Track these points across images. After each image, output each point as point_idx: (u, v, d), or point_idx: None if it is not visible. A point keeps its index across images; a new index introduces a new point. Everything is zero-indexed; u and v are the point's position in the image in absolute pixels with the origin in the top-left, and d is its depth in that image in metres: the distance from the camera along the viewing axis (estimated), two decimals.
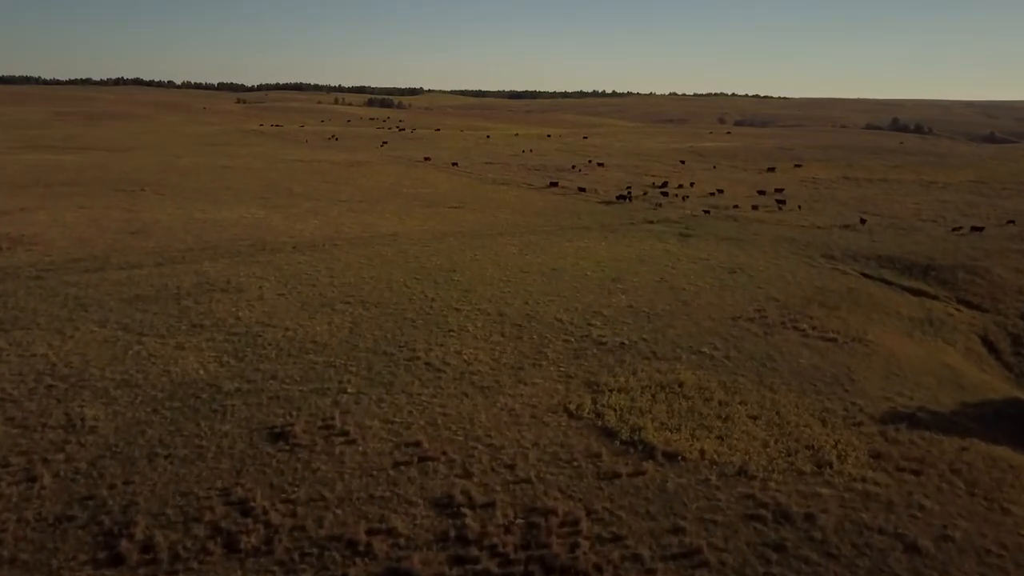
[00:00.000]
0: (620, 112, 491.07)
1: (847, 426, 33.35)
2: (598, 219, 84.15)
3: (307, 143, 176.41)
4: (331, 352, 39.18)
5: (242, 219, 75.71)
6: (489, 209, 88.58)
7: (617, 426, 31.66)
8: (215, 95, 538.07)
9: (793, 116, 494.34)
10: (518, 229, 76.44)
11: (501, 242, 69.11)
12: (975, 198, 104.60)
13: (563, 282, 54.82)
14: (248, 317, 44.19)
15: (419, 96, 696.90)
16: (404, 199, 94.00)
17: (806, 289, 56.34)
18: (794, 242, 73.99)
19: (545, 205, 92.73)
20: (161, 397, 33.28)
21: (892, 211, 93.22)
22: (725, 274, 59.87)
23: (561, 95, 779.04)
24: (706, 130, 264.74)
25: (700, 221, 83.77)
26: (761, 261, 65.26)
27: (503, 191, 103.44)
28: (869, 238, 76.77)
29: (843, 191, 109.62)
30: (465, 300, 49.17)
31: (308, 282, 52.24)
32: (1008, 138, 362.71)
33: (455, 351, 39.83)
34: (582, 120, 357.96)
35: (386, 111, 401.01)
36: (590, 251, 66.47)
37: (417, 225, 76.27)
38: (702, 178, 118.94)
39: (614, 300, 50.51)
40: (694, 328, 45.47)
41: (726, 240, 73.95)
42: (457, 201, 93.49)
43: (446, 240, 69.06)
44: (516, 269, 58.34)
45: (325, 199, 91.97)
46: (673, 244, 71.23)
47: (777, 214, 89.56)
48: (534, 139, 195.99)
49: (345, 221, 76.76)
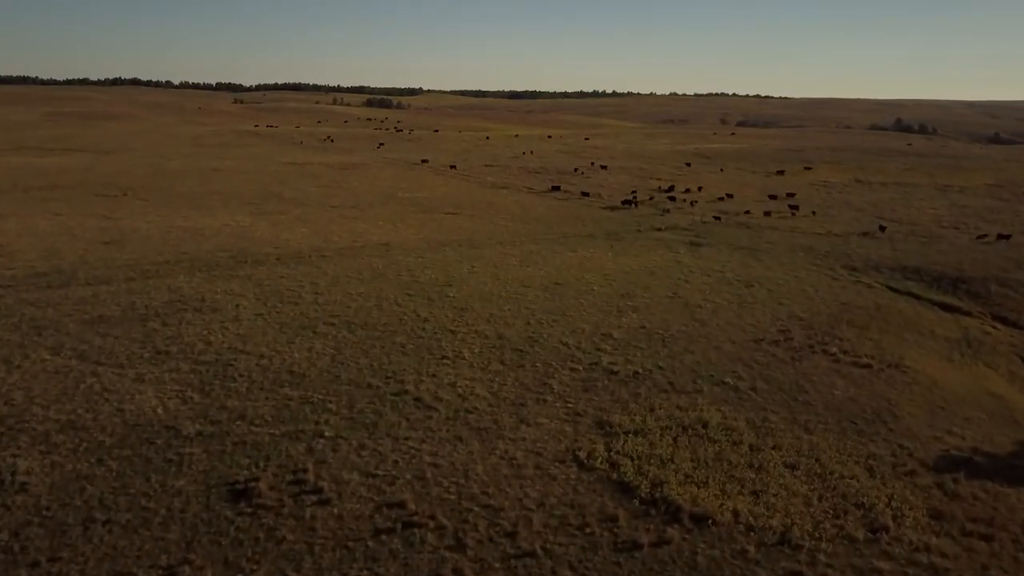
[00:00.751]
0: (621, 112, 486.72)
1: (898, 476, 28.99)
2: (603, 226, 79.79)
3: (302, 144, 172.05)
4: (309, 385, 34.81)
5: (226, 227, 71.32)
6: (488, 215, 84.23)
7: (635, 479, 27.31)
8: (213, 95, 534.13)
9: (796, 116, 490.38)
10: (519, 237, 72.10)
11: (500, 252, 64.76)
12: (995, 203, 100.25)
13: (568, 298, 50.46)
14: (220, 342, 39.81)
15: (418, 96, 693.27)
16: (399, 204, 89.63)
17: (831, 306, 51.96)
18: (811, 251, 69.64)
19: (547, 211, 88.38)
20: (110, 444, 28.91)
21: (911, 217, 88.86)
22: (742, 288, 55.51)
23: (561, 95, 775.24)
24: (709, 131, 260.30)
25: (711, 228, 79.41)
26: (779, 273, 60.90)
27: (503, 196, 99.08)
28: (891, 247, 72.41)
29: (857, 195, 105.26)
30: (461, 320, 44.81)
31: (290, 299, 47.87)
32: (1014, 139, 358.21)
33: (449, 383, 35.46)
34: (583, 120, 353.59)
35: (384, 111, 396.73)
36: (596, 262, 62.11)
37: (412, 233, 71.90)
38: (709, 181, 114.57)
39: (624, 320, 46.13)
40: (714, 353, 41.09)
41: (740, 250, 69.58)
42: (454, 206, 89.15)
43: (442, 250, 64.69)
44: (517, 283, 53.99)
45: (316, 205, 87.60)
46: (684, 254, 66.86)
47: (791, 220, 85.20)
48: (534, 140, 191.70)
49: (335, 229, 72.38)
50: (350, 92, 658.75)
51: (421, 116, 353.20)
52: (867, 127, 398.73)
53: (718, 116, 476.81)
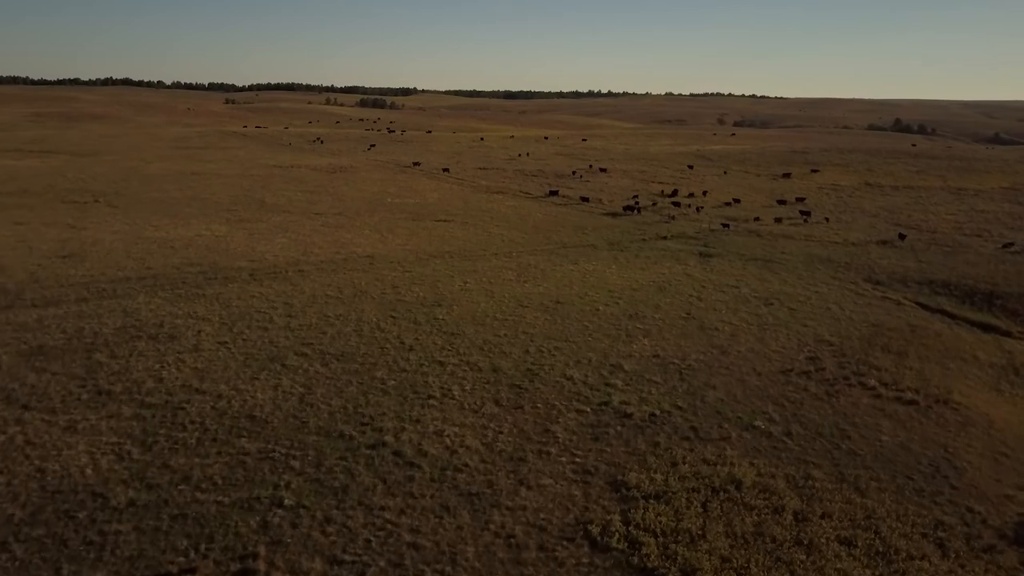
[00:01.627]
0: (617, 113, 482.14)
1: (975, 554, 24.02)
2: (605, 235, 74.74)
3: (290, 146, 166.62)
4: (271, 434, 29.66)
5: (198, 238, 66.04)
6: (482, 223, 79.11)
7: (661, 565, 22.25)
8: (204, 96, 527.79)
9: (793, 117, 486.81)
10: (515, 248, 67.00)
11: (495, 265, 59.66)
12: (1014, 207, 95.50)
13: (570, 320, 45.37)
14: (173, 378, 34.61)
15: (412, 96, 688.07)
16: (387, 211, 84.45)
17: (861, 327, 46.98)
18: (830, 263, 64.71)
19: (545, 218, 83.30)
20: (20, 518, 23.74)
21: (929, 223, 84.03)
22: (761, 307, 50.51)
23: (556, 95, 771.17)
24: (708, 131, 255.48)
25: (720, 237, 74.40)
26: (799, 288, 55.93)
27: (498, 201, 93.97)
28: (913, 257, 67.52)
29: (868, 200, 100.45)
30: (451, 348, 39.68)
31: (260, 324, 42.66)
32: (1015, 139, 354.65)
33: (435, 431, 30.33)
34: (579, 121, 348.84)
35: (377, 112, 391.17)
36: (599, 276, 57.06)
37: (399, 244, 66.73)
38: (714, 185, 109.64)
39: (635, 347, 41.06)
40: (739, 388, 36.06)
41: (753, 261, 64.60)
42: (446, 213, 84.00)
43: (431, 263, 59.55)
44: (513, 302, 48.89)
45: (298, 212, 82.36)
46: (694, 266, 61.84)
47: (803, 228, 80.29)
48: (530, 141, 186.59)
49: (317, 240, 67.15)
50: (344, 92, 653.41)
51: (414, 116, 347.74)
52: (865, 127, 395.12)
53: (715, 116, 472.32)
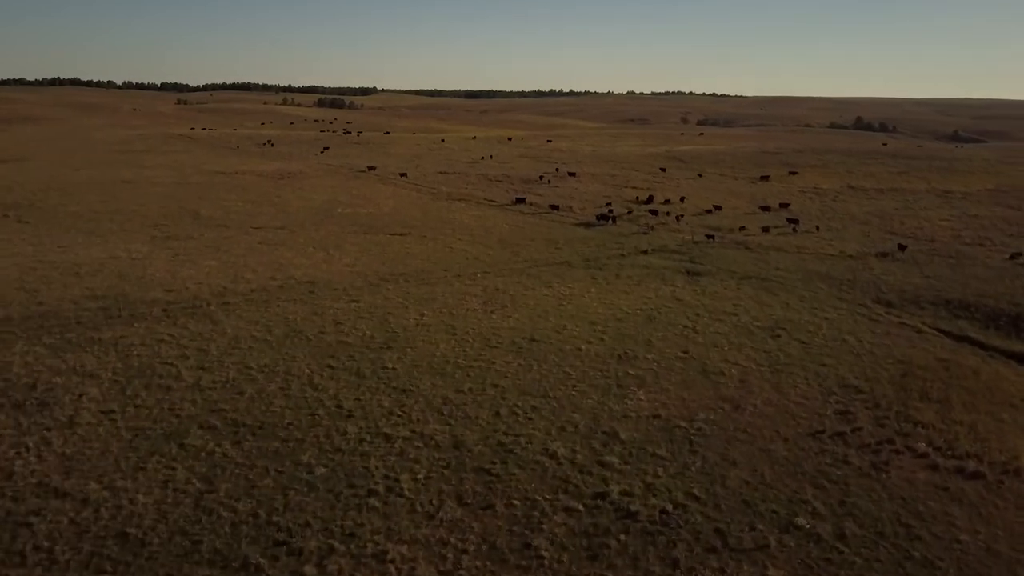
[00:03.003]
0: (580, 112, 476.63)
1: None
2: (579, 249, 67.17)
3: (237, 150, 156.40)
4: (147, 564, 21.33)
5: (111, 261, 56.90)
6: (442, 236, 70.99)
7: None
8: (155, 96, 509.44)
9: (755, 115, 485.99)
10: (480, 267, 59.07)
11: (458, 290, 51.66)
12: (1007, 212, 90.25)
13: (548, 365, 37.59)
14: (27, 473, 26.02)
15: (373, 96, 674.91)
16: (336, 223, 75.84)
17: (886, 365, 39.98)
18: (831, 280, 57.96)
19: (512, 229, 75.46)
20: None
21: (924, 231, 78.05)
22: (767, 340, 43.30)
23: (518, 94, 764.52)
24: (675, 131, 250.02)
25: (706, 251, 67.30)
26: (805, 314, 48.91)
27: (460, 210, 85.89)
28: (919, 272, 61.13)
29: (855, 204, 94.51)
30: (401, 413, 31.61)
31: (162, 383, 34.10)
32: (974, 137, 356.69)
33: (374, 553, 22.28)
34: (542, 121, 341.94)
35: (335, 112, 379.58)
36: (578, 303, 49.40)
37: (347, 264, 58.34)
38: (691, 190, 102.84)
39: (630, 404, 33.41)
40: (765, 463, 28.61)
41: (747, 280, 57.54)
42: (403, 225, 75.71)
43: (383, 289, 51.32)
44: (479, 340, 40.97)
45: (236, 226, 73.38)
46: (683, 288, 54.54)
47: (794, 238, 73.63)
48: (493, 142, 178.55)
49: (252, 261, 58.44)
50: (302, 92, 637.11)
51: (373, 117, 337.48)
52: (827, 125, 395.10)
53: (678, 115, 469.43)
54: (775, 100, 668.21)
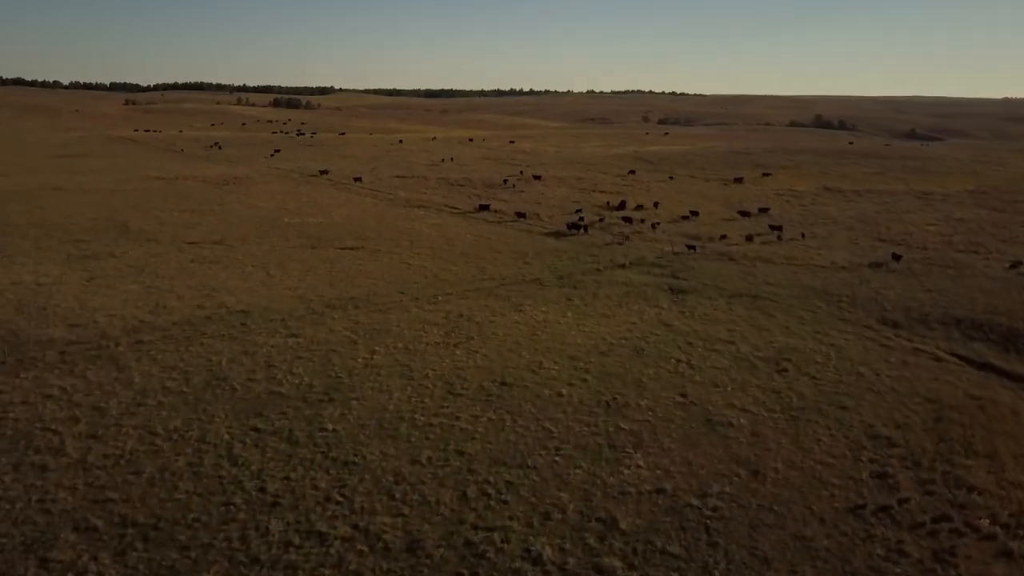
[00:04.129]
0: (541, 111, 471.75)
1: None
2: (551, 263, 61.00)
3: (182, 153, 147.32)
4: None
5: (12, 288, 49.08)
6: (399, 250, 64.25)
7: None
8: (103, 96, 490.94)
9: (715, 114, 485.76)
10: (441, 287, 52.53)
11: (416, 317, 45.06)
12: (992, 215, 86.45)
13: (524, 419, 31.25)
14: None
15: (330, 96, 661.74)
16: (281, 236, 68.58)
17: (914, 406, 34.47)
18: (828, 296, 52.64)
19: (476, 241, 69.00)
20: None
21: (913, 237, 73.49)
22: (773, 375, 37.58)
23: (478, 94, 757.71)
24: (639, 130, 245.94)
25: (688, 263, 61.61)
26: (809, 341, 43.34)
27: (419, 219, 79.14)
28: (919, 285, 56.19)
29: (835, 208, 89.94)
30: (341, 499, 24.99)
31: (37, 460, 26.95)
32: (932, 135, 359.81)
33: None
34: (503, 120, 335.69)
35: (290, 112, 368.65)
36: (554, 332, 43.18)
37: (289, 287, 51.32)
38: (663, 194, 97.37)
39: (626, 473, 27.21)
40: (805, 560, 22.62)
41: (738, 298, 51.92)
42: (355, 237, 68.75)
43: (328, 318, 44.49)
44: (441, 386, 34.47)
45: (168, 240, 65.71)
46: (669, 310, 48.66)
47: (780, 247, 68.38)
48: (454, 143, 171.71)
49: (179, 284, 51.10)
50: (257, 92, 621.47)
51: (330, 117, 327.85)
52: (787, 124, 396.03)
53: (639, 114, 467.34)
54: (734, 99, 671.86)
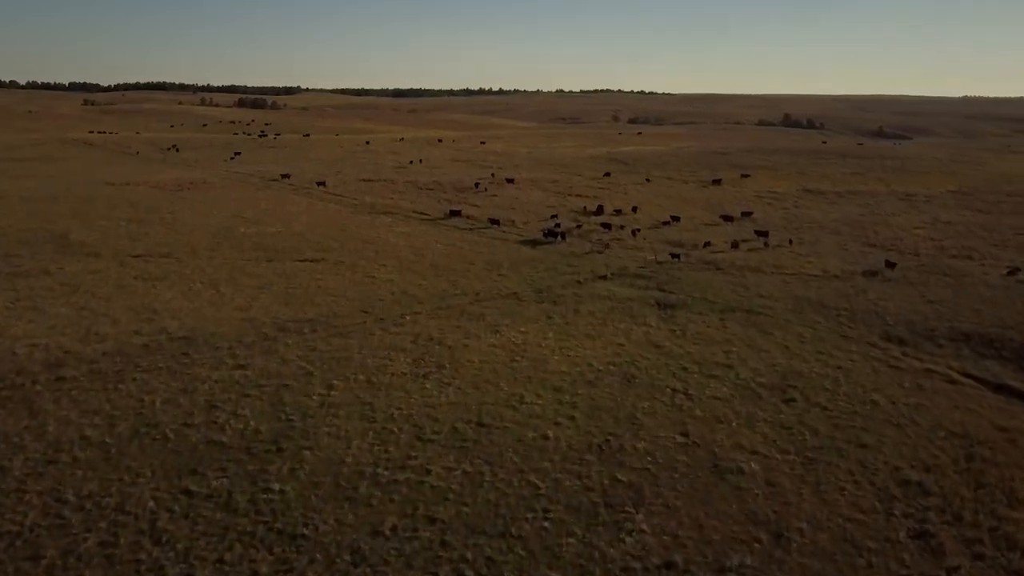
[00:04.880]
0: (511, 111, 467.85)
1: None
2: (528, 275, 56.77)
3: (137, 156, 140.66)
4: None
5: None
6: (363, 262, 59.59)
7: None
8: (60, 97, 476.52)
9: (685, 113, 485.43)
10: (409, 304, 48.04)
11: (380, 343, 40.53)
12: (978, 216, 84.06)
13: (506, 473, 26.94)
14: None
15: (297, 96, 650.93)
16: (236, 247, 63.50)
17: (940, 442, 30.82)
18: (825, 310, 49.11)
19: (447, 250, 64.55)
20: None
21: (903, 242, 70.52)
22: (781, 406, 33.74)
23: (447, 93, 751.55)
24: (610, 130, 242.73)
25: (673, 274, 57.76)
26: (812, 363, 39.63)
27: (385, 226, 74.43)
28: (918, 295, 52.95)
29: (818, 211, 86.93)
30: None
31: None
32: (899, 133, 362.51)
33: None
34: (473, 120, 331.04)
35: (255, 113, 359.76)
36: (534, 355, 38.94)
37: (240, 307, 46.45)
38: (641, 198, 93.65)
39: (629, 543, 23.02)
40: None
41: (730, 313, 48.14)
42: (316, 248, 63.92)
43: (282, 344, 39.79)
44: (408, 430, 30.04)
45: (111, 253, 60.34)
46: (658, 328, 44.68)
47: (767, 254, 64.89)
48: (423, 144, 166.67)
49: (117, 306, 45.97)
50: (221, 92, 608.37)
51: (295, 117, 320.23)
52: (756, 123, 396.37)
53: (609, 113, 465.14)
54: (703, 98, 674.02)
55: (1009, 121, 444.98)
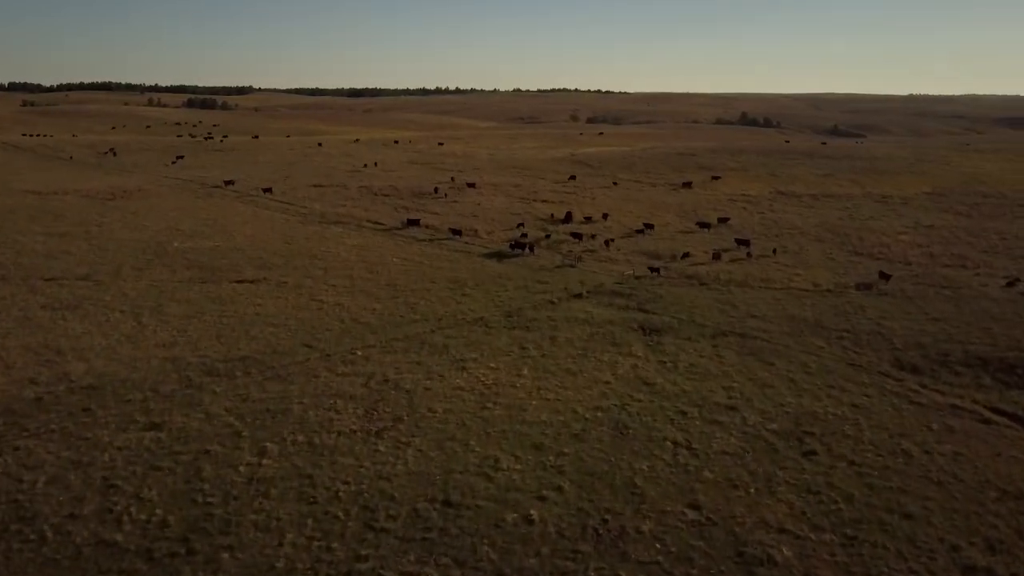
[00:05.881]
0: (469, 111, 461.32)
1: None
2: (495, 295, 51.10)
3: (71, 160, 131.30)
4: None
5: None
6: (310, 281, 53.29)
7: None
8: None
9: (643, 112, 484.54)
10: (360, 335, 42.01)
11: (325, 387, 34.46)
12: (959, 220, 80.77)
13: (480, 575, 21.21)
14: None
15: (249, 95, 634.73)
16: (167, 266, 56.64)
17: (992, 504, 26.01)
18: (825, 332, 44.40)
19: (404, 266, 58.54)
20: None
21: (891, 250, 66.51)
22: (802, 461, 28.64)
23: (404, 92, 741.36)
24: (571, 130, 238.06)
25: (654, 290, 52.60)
26: (825, 400, 34.70)
27: (336, 239, 68.06)
28: (920, 312, 48.64)
29: (795, 215, 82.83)
30: None
31: None
32: (853, 131, 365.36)
33: None
34: (430, 120, 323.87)
35: (204, 113, 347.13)
36: (508, 401, 33.27)
37: (162, 342, 39.90)
38: (610, 203, 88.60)
39: None
40: None
41: (723, 338, 43.09)
42: (258, 265, 57.40)
43: (208, 391, 33.48)
44: (356, 516, 24.14)
45: (20, 276, 53.04)
46: (647, 360, 39.37)
47: (751, 266, 60.22)
48: (378, 146, 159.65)
49: (13, 344, 39.06)
50: (171, 92, 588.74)
51: (246, 118, 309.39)
52: (714, 121, 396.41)
53: (567, 112, 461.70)
54: (659, 96, 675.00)
55: (952, 118, 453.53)
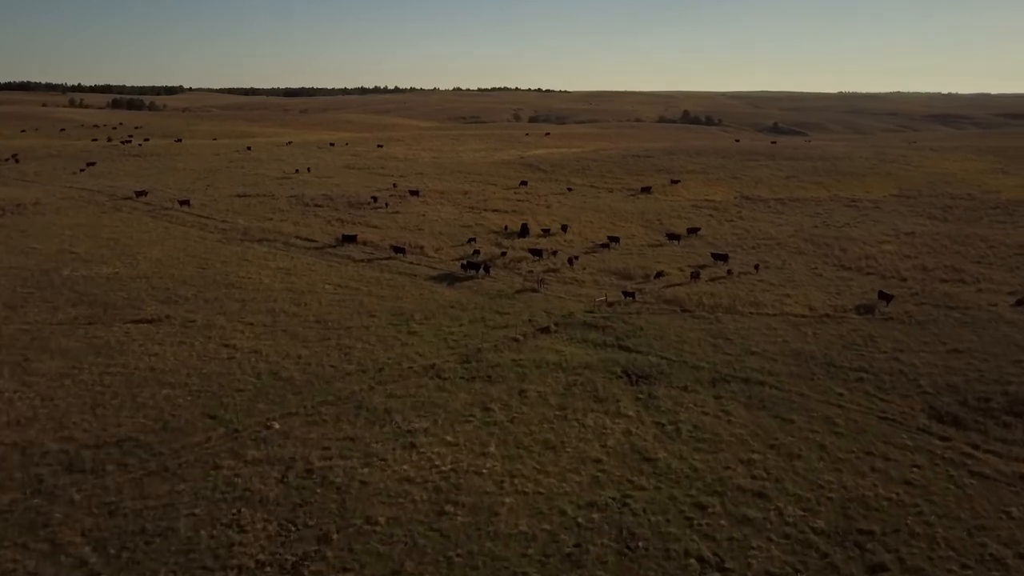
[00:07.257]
0: (407, 110, 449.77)
1: None
2: (446, 331, 42.84)
3: None
4: None
5: None
6: (223, 319, 44.15)
7: None
8: None
9: (586, 110, 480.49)
10: (278, 398, 33.30)
11: (226, 486, 25.80)
12: (935, 225, 75.80)
13: None
14: None
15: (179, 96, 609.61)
16: (48, 302, 46.69)
17: None
18: (840, 373, 37.62)
19: (338, 295, 49.79)
20: None
21: (878, 263, 60.62)
22: None
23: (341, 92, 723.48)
24: (514, 130, 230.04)
25: (632, 320, 45.10)
26: (870, 478, 27.66)
27: (260, 260, 58.76)
28: (937, 341, 42.39)
29: (767, 223, 76.70)
30: None
31: None
32: (794, 128, 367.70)
33: None
34: (369, 120, 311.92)
35: (127, 115, 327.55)
36: (474, 502, 25.20)
37: (16, 418, 30.52)
38: (567, 212, 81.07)
39: None
40: None
41: (723, 385, 35.81)
42: (162, 299, 47.91)
43: (60, 502, 24.50)
44: None
45: None
46: (639, 422, 31.74)
47: (735, 287, 53.34)
48: (312, 149, 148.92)
49: None
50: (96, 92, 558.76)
51: (172, 119, 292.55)
52: (656, 120, 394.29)
53: (509, 112, 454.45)
54: (599, 95, 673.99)
55: (886, 115, 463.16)
